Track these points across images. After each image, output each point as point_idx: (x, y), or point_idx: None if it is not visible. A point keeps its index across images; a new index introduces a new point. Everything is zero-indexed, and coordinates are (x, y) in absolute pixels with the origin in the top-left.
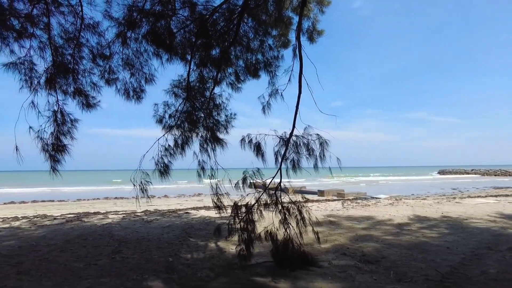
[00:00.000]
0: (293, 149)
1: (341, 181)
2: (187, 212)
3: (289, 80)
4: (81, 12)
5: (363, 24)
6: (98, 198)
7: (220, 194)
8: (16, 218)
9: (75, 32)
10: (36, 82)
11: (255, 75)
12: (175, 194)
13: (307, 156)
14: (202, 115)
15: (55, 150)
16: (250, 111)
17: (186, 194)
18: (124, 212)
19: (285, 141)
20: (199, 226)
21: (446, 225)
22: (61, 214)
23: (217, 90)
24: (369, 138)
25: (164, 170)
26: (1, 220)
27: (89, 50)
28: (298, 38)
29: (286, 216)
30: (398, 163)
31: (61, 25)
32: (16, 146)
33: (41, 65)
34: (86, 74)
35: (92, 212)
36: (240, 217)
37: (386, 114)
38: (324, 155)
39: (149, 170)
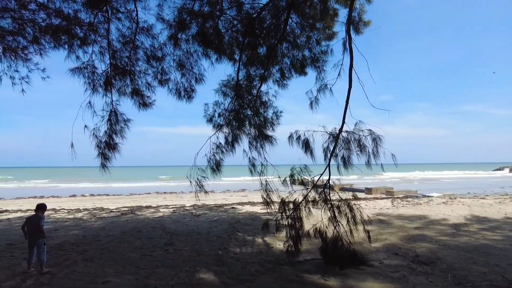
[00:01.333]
0: (343, 145)
1: (389, 178)
2: (233, 207)
3: (338, 74)
4: (136, 17)
5: (411, 13)
6: (149, 193)
7: (269, 191)
8: (78, 210)
9: (131, 35)
10: (97, 84)
11: (302, 72)
12: (220, 190)
13: (358, 153)
14: (250, 113)
15: (107, 148)
16: (291, 107)
17: (231, 189)
18: (173, 206)
19: (334, 137)
20: (246, 221)
21: (511, 227)
22: (116, 208)
23: (263, 88)
24: (418, 133)
25: (216, 167)
26: (66, 211)
27: (143, 52)
28: (348, 32)
29: (336, 213)
30: (451, 159)
31: (119, 30)
32: (72, 143)
33: (101, 68)
34: (141, 75)
35: (144, 206)
36: (288, 214)
37: (436, 107)
38: (377, 151)
39: (201, 166)
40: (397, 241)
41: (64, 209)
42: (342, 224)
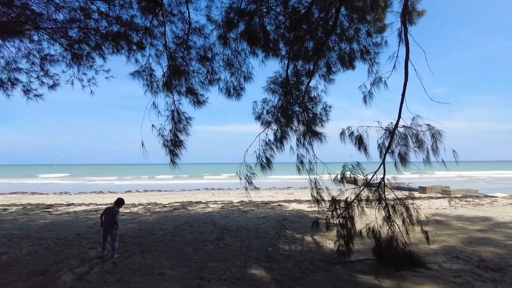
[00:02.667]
0: (400, 141)
1: (445, 176)
2: (279, 205)
3: (394, 66)
4: (188, 18)
5: None
6: (198, 189)
7: (319, 189)
8: (134, 205)
9: (184, 36)
10: (155, 85)
11: (350, 65)
12: (265, 187)
13: (416, 149)
14: (298, 109)
15: (174, 145)
16: (337, 103)
17: (276, 187)
18: (222, 202)
19: (390, 133)
20: (293, 219)
21: None
22: (169, 203)
23: (311, 83)
24: (476, 128)
25: (266, 164)
26: (123, 206)
27: (196, 52)
28: (403, 22)
29: (391, 213)
30: None
31: (173, 32)
32: (142, 142)
33: (158, 70)
34: (194, 74)
35: (194, 201)
36: (339, 213)
37: (497, 100)
38: (437, 147)
39: (250, 163)
40: (457, 243)
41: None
42: (397, 224)
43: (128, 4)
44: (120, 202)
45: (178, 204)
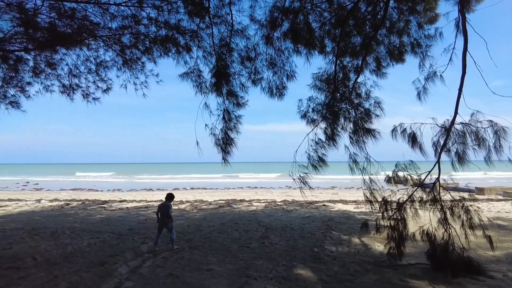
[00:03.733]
0: (457, 139)
1: (502, 177)
2: (324, 205)
3: (450, 59)
4: (231, 20)
5: None
6: (241, 187)
7: (373, 189)
8: (181, 202)
9: (227, 38)
10: (204, 86)
11: (399, 59)
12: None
13: (476, 147)
14: (346, 106)
15: (225, 143)
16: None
17: (320, 186)
18: (265, 201)
19: (446, 130)
20: (339, 219)
21: None
22: (214, 200)
23: (359, 79)
24: None
25: (317, 164)
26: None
27: (238, 54)
28: (461, 10)
29: (447, 215)
30: None
31: (219, 34)
32: (197, 141)
33: (206, 71)
34: (236, 76)
35: (239, 199)
36: (390, 214)
37: None
38: (500, 145)
39: (300, 162)
40: None
41: None
42: (453, 227)
43: (175, 9)
44: (170, 196)
45: (223, 202)
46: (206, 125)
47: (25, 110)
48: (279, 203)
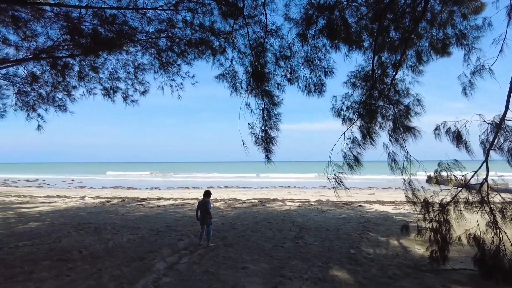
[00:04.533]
0: (509, 136)
1: None
2: (360, 205)
3: (500, 50)
4: (265, 20)
5: None
6: (274, 186)
7: (414, 189)
8: (216, 200)
9: (261, 38)
10: (239, 86)
11: (444, 53)
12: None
13: None
14: (384, 103)
15: (266, 142)
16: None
17: (355, 187)
18: (298, 200)
19: (495, 127)
20: (376, 220)
21: None
22: (247, 199)
23: (398, 75)
24: None
25: (353, 163)
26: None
27: (272, 54)
28: None
29: (497, 218)
30: None
31: (250, 35)
32: (243, 141)
33: (241, 71)
34: (271, 75)
35: (271, 198)
36: (432, 216)
37: None
38: None
39: (336, 162)
40: None
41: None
42: (505, 232)
43: (209, 11)
44: (208, 193)
45: (256, 200)
46: (249, 124)
47: (72, 112)
48: (313, 203)
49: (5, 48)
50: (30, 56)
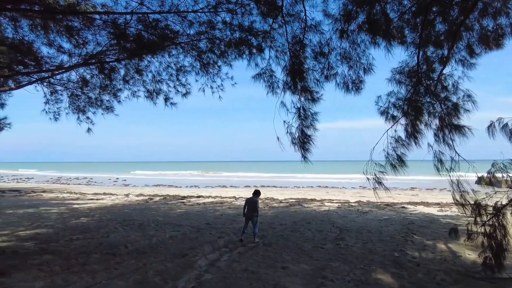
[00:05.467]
0: None
1: None
2: (403, 207)
3: None
4: (304, 16)
5: None
6: (311, 186)
7: (463, 191)
8: None
9: (300, 35)
10: (276, 86)
11: (496, 45)
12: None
13: None
14: (430, 100)
15: (303, 141)
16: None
17: (397, 187)
18: (337, 201)
19: None
20: (421, 223)
21: None
22: (284, 199)
23: (445, 70)
24: None
25: (397, 163)
26: (244, 200)
27: (311, 50)
28: None
29: None
30: None
31: (289, 33)
32: (278, 137)
33: (278, 70)
34: (309, 72)
35: (309, 198)
36: (485, 220)
37: None
38: None
39: (378, 161)
40: None
41: (242, 197)
42: None
43: (248, 11)
44: (257, 193)
45: (293, 200)
46: (284, 121)
47: (117, 114)
48: (353, 204)
49: (60, 55)
50: (81, 62)
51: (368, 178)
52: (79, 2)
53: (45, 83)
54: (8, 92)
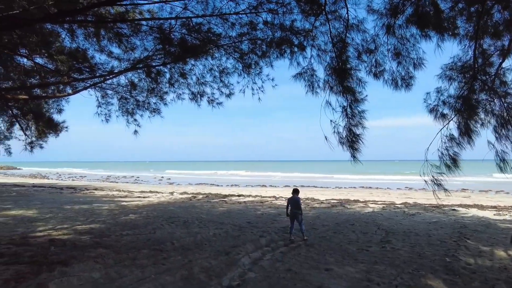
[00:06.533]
0: None
1: None
2: (454, 209)
3: None
4: (346, 14)
5: None
6: (354, 187)
7: None
8: None
9: (342, 34)
10: (316, 85)
11: None
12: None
13: None
14: (487, 97)
15: (350, 140)
16: None
17: (447, 188)
18: (382, 202)
19: None
20: (475, 227)
21: None
22: (326, 199)
23: (505, 63)
24: None
25: (451, 163)
26: (284, 199)
27: (354, 49)
28: None
29: None
30: None
31: (333, 31)
32: (326, 137)
33: (320, 69)
34: (352, 72)
35: (352, 199)
36: None
37: None
38: None
39: (430, 161)
40: None
41: (282, 197)
42: None
43: (289, 10)
44: (297, 191)
45: (335, 201)
46: (331, 120)
47: (163, 116)
48: (399, 205)
49: (111, 61)
50: (129, 67)
51: (425, 180)
52: (127, 10)
53: (97, 88)
54: (66, 97)
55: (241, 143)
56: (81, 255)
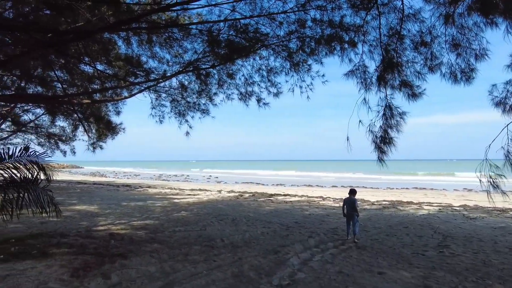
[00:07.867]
0: None
1: None
2: None
3: None
4: (401, 5)
5: None
6: (406, 188)
7: None
8: (341, 200)
9: (397, 26)
10: (369, 81)
11: None
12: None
13: None
14: None
15: (382, 142)
16: None
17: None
18: (438, 204)
19: None
20: None
21: None
22: (377, 200)
23: None
24: None
25: None
26: (332, 200)
27: (410, 41)
28: None
29: None
30: None
31: (384, 24)
32: (348, 137)
33: (372, 66)
34: (409, 64)
35: (405, 201)
36: None
37: None
38: None
39: (490, 161)
40: None
41: (329, 197)
42: None
43: (338, 6)
44: (353, 191)
45: (387, 202)
46: (360, 121)
47: (214, 116)
48: (457, 208)
49: (162, 65)
50: (180, 70)
51: (480, 180)
52: (178, 15)
53: (151, 90)
54: (123, 101)
55: (290, 141)
56: (138, 249)
